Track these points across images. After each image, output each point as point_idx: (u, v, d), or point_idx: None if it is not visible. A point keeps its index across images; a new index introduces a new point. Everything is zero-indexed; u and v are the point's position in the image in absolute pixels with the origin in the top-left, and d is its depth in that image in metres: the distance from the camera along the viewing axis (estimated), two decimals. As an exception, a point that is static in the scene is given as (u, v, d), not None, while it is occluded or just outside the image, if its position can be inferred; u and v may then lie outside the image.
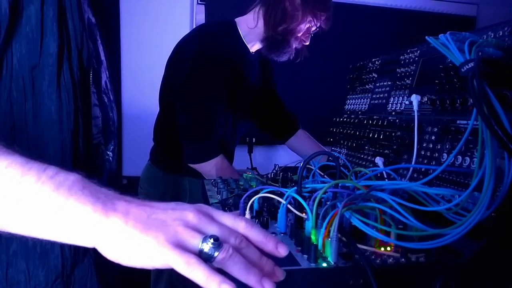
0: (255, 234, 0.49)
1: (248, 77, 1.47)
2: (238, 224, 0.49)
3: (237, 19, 1.45)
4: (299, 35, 1.39)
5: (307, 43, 1.44)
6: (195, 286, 0.44)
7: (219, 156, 1.32)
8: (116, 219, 0.44)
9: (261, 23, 1.37)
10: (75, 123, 0.61)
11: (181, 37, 1.51)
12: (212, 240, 0.44)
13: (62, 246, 0.62)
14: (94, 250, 0.46)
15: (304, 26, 1.37)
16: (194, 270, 0.42)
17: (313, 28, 1.40)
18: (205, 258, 0.44)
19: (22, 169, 0.43)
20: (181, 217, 0.46)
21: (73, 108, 0.61)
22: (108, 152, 0.74)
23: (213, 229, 0.46)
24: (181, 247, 0.44)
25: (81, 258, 0.64)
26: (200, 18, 2.50)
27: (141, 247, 0.43)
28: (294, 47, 1.41)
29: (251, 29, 1.39)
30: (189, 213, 0.46)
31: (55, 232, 0.45)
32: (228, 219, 0.49)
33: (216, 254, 0.44)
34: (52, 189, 0.43)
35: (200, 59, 1.31)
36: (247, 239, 0.48)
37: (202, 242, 0.44)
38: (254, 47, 1.45)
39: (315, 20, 1.37)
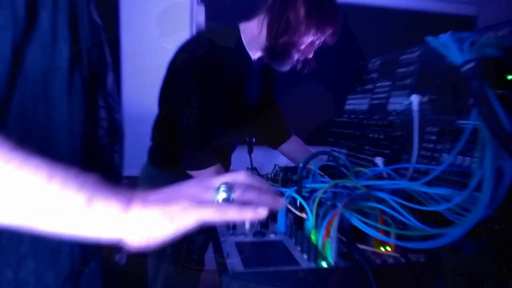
0: (254, 181, 0.57)
1: (249, 84, 1.46)
2: (238, 176, 0.56)
3: (241, 25, 1.42)
4: (302, 47, 1.35)
5: (310, 56, 1.40)
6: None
7: (216, 165, 1.32)
8: (137, 207, 0.49)
9: (264, 31, 1.34)
10: (85, 126, 0.62)
11: (182, 39, 1.50)
12: (223, 187, 0.51)
13: (72, 247, 0.62)
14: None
15: (307, 39, 1.33)
16: (227, 212, 0.49)
17: (317, 42, 1.37)
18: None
19: (49, 171, 0.46)
20: (190, 185, 0.54)
21: (83, 111, 0.61)
22: (114, 154, 0.75)
23: (219, 182, 0.53)
24: (202, 202, 0.50)
25: (89, 260, 0.65)
26: (200, 18, 2.50)
27: (169, 218, 0.49)
28: (296, 59, 1.38)
29: (254, 36, 1.36)
30: (194, 182, 0.54)
31: (81, 229, 0.48)
32: (228, 175, 0.56)
33: (232, 196, 0.51)
34: (77, 189, 0.47)
35: (204, 64, 1.29)
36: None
37: (217, 193, 0.51)
38: (256, 54, 1.42)
39: (319, 34, 1.33)
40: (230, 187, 0.51)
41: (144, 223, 0.49)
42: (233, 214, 0.49)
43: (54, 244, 0.60)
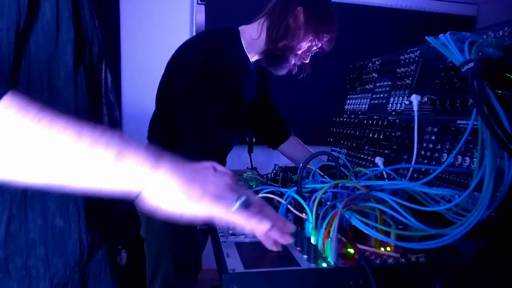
0: (269, 210, 0.60)
1: (247, 86, 1.49)
2: (258, 200, 0.60)
3: (241, 28, 1.45)
4: (299, 52, 1.40)
5: (307, 61, 1.45)
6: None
7: None
8: (166, 168, 0.51)
9: (263, 35, 1.38)
10: (90, 117, 0.63)
11: (182, 39, 1.51)
12: (244, 198, 0.53)
13: (80, 233, 0.63)
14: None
15: (304, 45, 1.38)
16: (234, 216, 0.51)
17: (314, 48, 1.42)
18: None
19: (77, 130, 0.48)
20: (220, 176, 0.56)
21: (87, 102, 0.62)
22: None
23: (244, 193, 0.55)
24: (220, 199, 0.52)
25: (96, 248, 0.66)
26: (200, 18, 2.50)
27: (187, 196, 0.51)
28: (293, 63, 1.43)
29: (253, 40, 1.40)
30: (227, 177, 0.56)
31: (109, 182, 0.49)
32: (252, 193, 0.60)
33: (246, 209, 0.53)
34: (106, 143, 0.48)
35: (204, 65, 1.32)
36: None
37: (237, 199, 0.53)
38: (254, 57, 1.46)
39: (316, 40, 1.38)
40: (249, 202, 0.54)
41: (166, 188, 0.50)
42: (238, 220, 0.51)
43: (62, 231, 0.61)
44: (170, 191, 0.50)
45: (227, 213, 0.51)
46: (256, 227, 0.52)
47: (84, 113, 0.62)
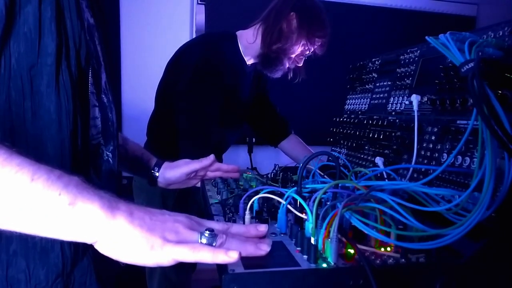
0: (237, 228, 0.59)
1: (243, 87, 1.55)
2: (221, 225, 0.58)
3: (238, 32, 1.52)
4: (293, 56, 1.46)
5: (300, 65, 1.52)
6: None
7: None
8: (122, 218, 0.49)
9: (259, 39, 1.45)
10: (74, 122, 0.61)
11: (182, 39, 1.56)
12: (208, 232, 0.52)
13: (62, 245, 0.62)
14: (93, 248, 0.49)
15: (297, 48, 1.45)
16: (200, 252, 0.49)
17: (307, 52, 1.48)
18: None
19: (33, 169, 0.46)
20: (178, 219, 0.53)
21: (72, 107, 0.61)
22: (107, 153, 0.74)
23: (206, 226, 0.54)
24: (183, 243, 0.50)
25: (80, 257, 0.64)
26: (200, 18, 2.50)
27: (148, 246, 0.48)
28: (287, 66, 1.49)
29: (249, 44, 1.47)
30: (183, 218, 0.54)
31: (60, 229, 0.48)
32: (213, 222, 0.59)
33: (214, 243, 0.51)
34: (61, 187, 0.47)
35: (203, 65, 1.37)
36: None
37: (201, 236, 0.52)
38: (250, 60, 1.53)
39: (309, 45, 1.44)
40: (214, 235, 0.52)
41: (124, 240, 0.48)
42: (205, 255, 0.49)
43: (44, 242, 0.60)
44: (129, 243, 0.48)
45: (192, 254, 0.49)
46: (225, 260, 0.49)
47: (67, 119, 0.60)
